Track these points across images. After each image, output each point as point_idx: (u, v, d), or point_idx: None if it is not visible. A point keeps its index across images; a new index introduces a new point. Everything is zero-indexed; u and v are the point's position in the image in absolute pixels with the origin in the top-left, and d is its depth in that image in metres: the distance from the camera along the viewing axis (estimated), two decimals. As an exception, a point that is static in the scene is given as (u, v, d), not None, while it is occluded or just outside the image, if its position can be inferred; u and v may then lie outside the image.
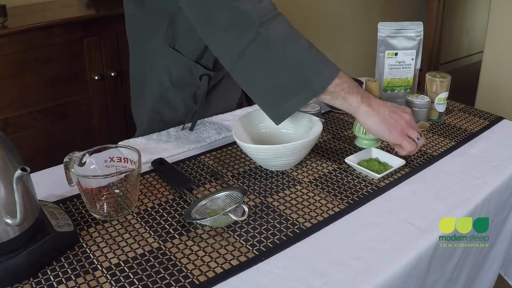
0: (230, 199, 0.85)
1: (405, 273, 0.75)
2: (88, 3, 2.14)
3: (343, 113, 1.30)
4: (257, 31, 0.89)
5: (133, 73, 1.26)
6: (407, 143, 0.94)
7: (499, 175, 1.00)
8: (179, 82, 1.16)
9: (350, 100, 0.92)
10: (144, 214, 0.85)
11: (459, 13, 4.60)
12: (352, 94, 0.92)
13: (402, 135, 0.94)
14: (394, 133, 0.94)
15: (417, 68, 1.24)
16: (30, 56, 1.78)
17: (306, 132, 1.04)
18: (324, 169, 1.00)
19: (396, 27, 1.20)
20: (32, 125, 1.85)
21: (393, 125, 0.94)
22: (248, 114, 1.08)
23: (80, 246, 0.76)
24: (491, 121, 1.25)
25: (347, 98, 0.92)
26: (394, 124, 0.94)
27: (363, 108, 0.93)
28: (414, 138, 0.95)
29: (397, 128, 0.94)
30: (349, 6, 3.62)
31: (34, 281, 0.69)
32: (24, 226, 0.69)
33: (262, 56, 0.91)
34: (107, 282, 0.69)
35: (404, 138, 0.94)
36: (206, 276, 0.70)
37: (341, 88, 0.92)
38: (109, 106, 2.05)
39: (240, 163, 1.03)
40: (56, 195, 0.89)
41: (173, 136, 1.14)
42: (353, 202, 0.89)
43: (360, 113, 0.93)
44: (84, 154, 0.85)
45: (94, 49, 1.92)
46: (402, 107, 0.98)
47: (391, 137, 0.94)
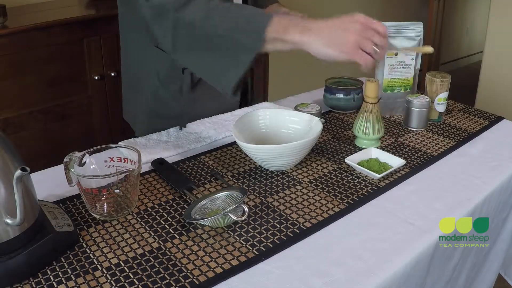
0: (230, 199, 0.85)
1: (405, 273, 0.75)
2: (88, 3, 2.14)
3: (343, 113, 1.30)
4: (174, 17, 0.92)
5: (125, 74, 1.28)
6: (361, 59, 0.87)
7: (499, 175, 1.00)
8: (165, 78, 1.17)
9: (291, 39, 0.88)
10: (144, 214, 0.85)
11: (459, 13, 4.60)
12: (288, 34, 0.88)
13: (354, 51, 0.86)
14: (345, 51, 0.86)
15: (417, 68, 1.24)
16: (30, 56, 1.78)
17: (306, 132, 1.04)
18: (324, 169, 1.00)
19: (396, 27, 1.20)
20: (32, 125, 1.85)
21: (341, 43, 0.86)
22: (248, 114, 1.08)
23: (80, 246, 0.76)
24: (491, 121, 1.25)
25: (286, 40, 0.88)
26: (342, 42, 0.86)
27: (305, 39, 0.87)
28: (370, 51, 0.87)
29: (347, 44, 0.86)
30: (349, 6, 3.62)
31: (34, 281, 0.69)
32: (24, 226, 0.69)
33: (189, 38, 0.94)
34: (107, 282, 0.69)
35: (357, 54, 0.86)
36: (206, 276, 0.70)
37: (276, 33, 0.88)
38: (109, 106, 2.05)
39: (240, 163, 1.03)
40: (56, 195, 0.89)
41: (173, 136, 1.14)
42: (353, 202, 0.89)
43: (306, 46, 0.88)
44: (84, 154, 0.85)
45: (94, 49, 1.92)
46: (352, 17, 0.89)
47: (342, 57, 0.86)
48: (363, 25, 0.87)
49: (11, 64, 1.75)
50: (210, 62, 0.95)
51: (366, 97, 1.07)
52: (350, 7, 3.93)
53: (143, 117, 1.24)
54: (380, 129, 1.08)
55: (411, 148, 1.10)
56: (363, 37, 0.87)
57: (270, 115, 1.09)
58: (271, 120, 1.08)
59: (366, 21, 0.88)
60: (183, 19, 0.92)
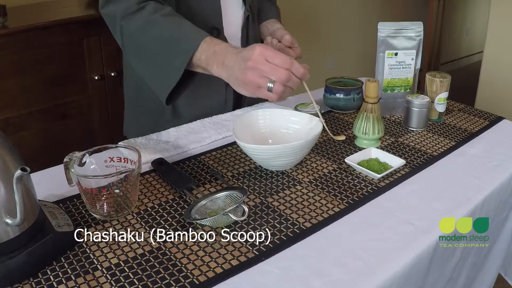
0: (230, 199, 0.85)
1: (405, 273, 0.75)
2: (88, 3, 2.14)
3: (343, 113, 1.30)
4: (120, 25, 1.01)
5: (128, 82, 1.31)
6: (266, 97, 0.88)
7: (499, 175, 1.00)
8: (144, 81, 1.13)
9: (211, 70, 0.95)
10: (144, 214, 0.85)
11: (459, 13, 4.61)
12: (210, 65, 0.94)
13: (255, 90, 0.88)
14: (249, 91, 0.89)
15: (417, 68, 1.24)
16: (30, 56, 1.78)
17: (306, 132, 1.04)
18: (324, 169, 1.00)
19: (396, 27, 1.20)
20: (32, 125, 1.85)
21: (243, 83, 0.88)
22: (248, 114, 1.08)
23: (80, 246, 0.76)
24: (491, 121, 1.25)
25: (208, 70, 0.95)
26: (243, 82, 0.88)
27: (223, 75, 0.93)
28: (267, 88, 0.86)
29: (247, 85, 0.88)
30: (349, 6, 3.62)
31: (34, 281, 0.69)
32: (24, 226, 0.69)
33: (133, 46, 1.03)
34: (107, 282, 0.69)
35: (259, 92, 0.88)
36: (206, 276, 0.70)
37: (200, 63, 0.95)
38: (109, 106, 2.05)
39: (240, 163, 1.03)
40: (56, 195, 0.89)
41: (173, 136, 1.14)
42: (353, 202, 0.89)
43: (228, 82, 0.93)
44: (84, 154, 0.85)
45: (94, 49, 1.92)
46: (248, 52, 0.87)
47: (248, 94, 0.90)
48: (255, 62, 0.86)
49: (11, 64, 1.75)
50: (149, 69, 1.04)
51: (366, 97, 1.07)
52: (350, 7, 3.94)
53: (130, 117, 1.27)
54: (380, 129, 1.08)
55: (411, 148, 1.10)
56: (258, 75, 0.86)
57: (270, 115, 1.09)
58: (271, 120, 1.08)
59: (258, 57, 0.86)
60: (127, 27, 1.01)
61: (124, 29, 1.01)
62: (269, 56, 0.86)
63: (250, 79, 0.86)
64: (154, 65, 1.01)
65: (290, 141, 0.95)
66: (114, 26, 1.04)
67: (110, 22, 1.05)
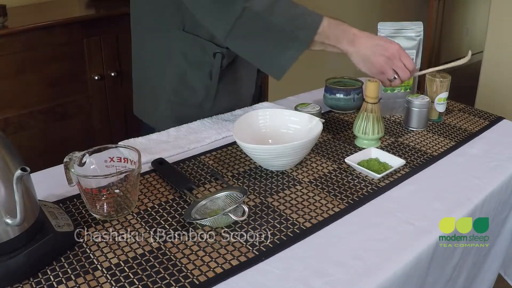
0: (230, 199, 0.85)
1: (405, 273, 0.75)
2: (88, 3, 2.14)
3: (343, 113, 1.30)
4: (243, 6, 0.99)
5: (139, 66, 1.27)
6: (381, 79, 1.10)
7: (499, 175, 1.00)
8: (194, 61, 1.18)
9: (339, 46, 1.05)
10: (144, 214, 0.85)
11: (459, 13, 4.60)
12: (338, 42, 1.04)
13: (378, 73, 1.08)
14: (372, 71, 1.08)
15: (417, 68, 1.24)
16: (30, 56, 1.78)
17: (306, 132, 1.04)
18: (324, 169, 1.00)
19: (396, 27, 1.20)
20: (32, 125, 1.85)
21: (371, 64, 1.07)
22: (248, 114, 1.08)
23: (80, 246, 0.76)
24: (491, 121, 1.25)
25: (335, 45, 1.05)
26: (372, 62, 1.06)
27: (351, 49, 1.05)
28: (390, 78, 1.09)
29: (375, 66, 1.07)
30: (349, 6, 3.62)
31: (34, 281, 0.69)
32: (24, 226, 0.69)
33: (252, 27, 1.02)
34: (107, 282, 0.69)
35: (379, 76, 1.09)
36: (206, 276, 0.70)
37: (326, 37, 1.03)
38: (109, 106, 2.05)
39: (240, 163, 1.03)
40: (56, 195, 0.89)
41: (173, 136, 1.14)
42: (353, 202, 0.89)
43: (349, 54, 1.06)
44: (84, 154, 0.85)
45: (94, 49, 1.92)
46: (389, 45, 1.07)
47: (369, 73, 1.09)
48: (392, 55, 1.06)
49: (11, 64, 1.75)
50: (264, 50, 1.05)
51: (366, 97, 1.07)
52: (350, 7, 3.94)
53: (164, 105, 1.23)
54: (380, 129, 1.08)
55: (411, 148, 1.10)
56: (388, 65, 1.07)
57: (270, 115, 1.09)
58: (271, 120, 1.08)
59: (396, 53, 1.06)
60: (251, 8, 0.99)
61: (248, 10, 0.99)
62: (403, 56, 1.07)
63: (381, 64, 1.06)
64: (274, 42, 1.03)
65: (290, 141, 0.95)
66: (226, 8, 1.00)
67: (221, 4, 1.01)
